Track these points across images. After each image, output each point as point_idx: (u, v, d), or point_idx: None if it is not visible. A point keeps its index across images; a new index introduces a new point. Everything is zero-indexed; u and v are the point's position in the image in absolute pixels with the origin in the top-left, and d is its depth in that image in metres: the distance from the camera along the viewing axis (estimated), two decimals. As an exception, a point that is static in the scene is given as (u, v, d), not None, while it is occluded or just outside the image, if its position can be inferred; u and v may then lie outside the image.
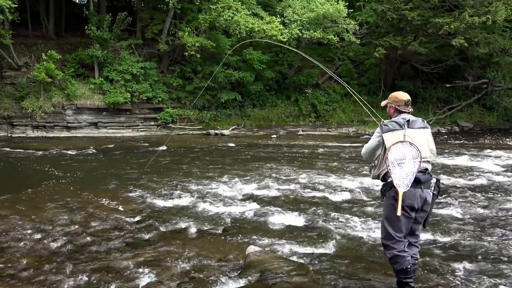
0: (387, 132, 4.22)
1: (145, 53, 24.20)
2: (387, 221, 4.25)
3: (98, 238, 6.29)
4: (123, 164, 12.95)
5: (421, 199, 4.13)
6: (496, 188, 9.79)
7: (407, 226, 4.21)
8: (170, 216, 7.45)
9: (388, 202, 4.24)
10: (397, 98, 4.46)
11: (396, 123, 4.24)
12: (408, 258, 4.17)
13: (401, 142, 4.10)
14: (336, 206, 8.25)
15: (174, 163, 13.15)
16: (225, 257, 5.59)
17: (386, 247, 4.26)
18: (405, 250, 4.18)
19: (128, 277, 5.00)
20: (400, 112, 4.41)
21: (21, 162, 13.22)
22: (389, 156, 4.08)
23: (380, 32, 26.30)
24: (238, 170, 11.93)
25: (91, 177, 10.97)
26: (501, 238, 6.39)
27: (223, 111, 24.54)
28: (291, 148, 17.11)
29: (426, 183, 4.16)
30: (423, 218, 4.25)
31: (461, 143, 19.46)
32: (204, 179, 10.56)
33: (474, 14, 22.30)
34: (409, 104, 4.41)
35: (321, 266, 5.24)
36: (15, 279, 4.96)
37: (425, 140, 4.24)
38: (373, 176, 4.44)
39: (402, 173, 4.02)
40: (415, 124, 4.26)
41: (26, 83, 20.85)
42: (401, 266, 4.18)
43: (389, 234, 4.21)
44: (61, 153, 15.00)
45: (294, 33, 22.47)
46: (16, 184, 10.01)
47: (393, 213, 4.13)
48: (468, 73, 29.30)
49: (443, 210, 7.91)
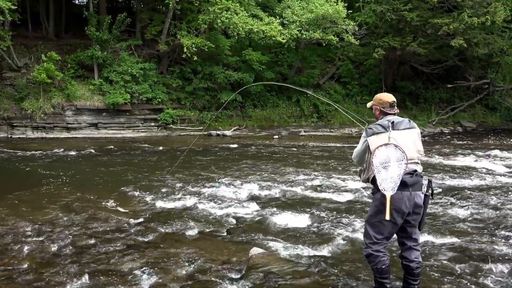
0: (371, 135, 4.17)
1: (145, 54, 24.18)
2: (369, 222, 4.24)
3: (99, 240, 6.25)
4: (123, 165, 12.90)
5: (410, 202, 4.06)
6: (502, 189, 9.74)
7: (391, 230, 4.16)
8: (172, 217, 7.41)
9: (374, 204, 4.22)
10: (381, 100, 4.40)
11: (381, 125, 4.19)
12: (383, 259, 4.14)
13: (385, 145, 4.04)
14: (339, 207, 8.21)
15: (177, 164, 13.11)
16: (228, 259, 5.55)
17: (364, 244, 4.26)
18: (381, 251, 4.15)
19: (130, 280, 4.96)
20: (385, 114, 4.36)
21: (21, 163, 13.17)
22: (374, 160, 4.03)
23: (379, 33, 26.30)
24: (240, 171, 11.90)
25: (91, 178, 10.92)
26: (506, 239, 6.36)
27: (223, 111, 24.53)
28: (294, 149, 17.08)
29: (415, 185, 4.08)
30: (416, 220, 4.19)
31: (465, 144, 19.42)
32: (207, 180, 10.52)
33: (473, 14, 22.31)
34: (394, 105, 4.37)
35: (324, 268, 5.20)
36: (15, 282, 4.93)
37: (411, 141, 4.18)
38: (363, 179, 4.41)
39: (387, 177, 3.97)
40: (400, 125, 4.20)
41: (26, 84, 20.82)
42: (375, 265, 4.18)
43: (368, 234, 4.21)
44: (61, 154, 14.95)
45: (293, 34, 22.44)
46: (16, 185, 9.96)
47: (376, 215, 4.14)
48: (468, 74, 29.32)
49: (448, 211, 7.88)
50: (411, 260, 4.21)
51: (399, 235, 4.28)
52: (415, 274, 4.24)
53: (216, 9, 20.92)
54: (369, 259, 4.21)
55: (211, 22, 21.59)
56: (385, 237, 4.17)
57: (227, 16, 21.01)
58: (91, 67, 22.39)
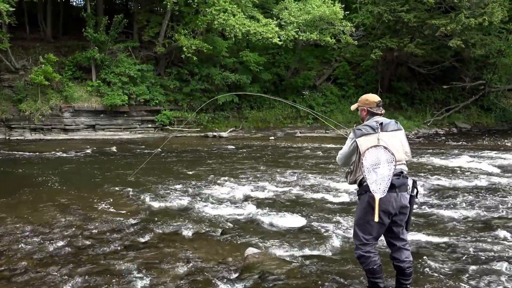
0: (360, 136, 4.16)
1: (142, 56, 24.18)
2: (357, 223, 4.25)
3: (96, 241, 6.28)
4: (121, 166, 12.93)
5: (397, 203, 4.09)
6: (495, 190, 9.79)
7: (379, 231, 4.19)
8: (169, 218, 7.44)
9: (361, 206, 4.21)
10: (368, 100, 4.40)
11: (369, 127, 4.18)
12: (374, 259, 4.17)
13: (375, 147, 4.05)
14: (334, 207, 8.27)
15: (173, 165, 13.16)
16: (223, 259, 5.59)
17: (355, 246, 4.29)
18: (371, 251, 4.18)
19: (126, 280, 5.00)
20: (372, 115, 4.36)
21: (19, 164, 13.19)
22: (364, 162, 4.03)
23: (377, 34, 26.33)
24: (236, 172, 11.93)
25: (89, 179, 10.95)
26: (500, 239, 6.41)
27: (220, 113, 24.55)
28: (289, 150, 17.13)
29: (402, 186, 4.12)
30: (403, 221, 4.22)
31: (459, 145, 19.47)
32: (202, 181, 10.56)
33: (470, 15, 22.35)
34: (380, 105, 4.37)
35: (320, 268, 5.24)
36: (13, 282, 4.97)
37: (399, 142, 4.21)
38: (350, 181, 4.39)
39: (378, 179, 3.98)
40: (389, 127, 4.21)
41: (23, 86, 20.82)
42: (367, 266, 4.21)
43: (357, 235, 4.22)
44: (59, 156, 14.97)
45: (291, 35, 22.50)
46: (14, 187, 9.96)
47: (364, 217, 4.15)
48: (464, 75, 29.34)
49: (442, 212, 7.92)
50: (402, 260, 4.24)
51: (387, 235, 4.30)
52: (407, 274, 4.27)
53: (213, 10, 20.97)
54: (361, 260, 4.24)
55: (209, 23, 21.64)
56: (374, 237, 4.21)
57: (225, 18, 21.07)
58: (89, 68, 22.40)
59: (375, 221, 4.03)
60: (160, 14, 24.44)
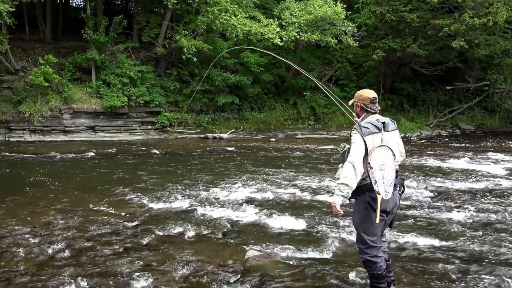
0: (368, 135, 4.00)
1: (142, 57, 24.10)
2: (360, 226, 4.15)
3: (96, 243, 6.25)
4: (121, 168, 12.87)
5: (393, 202, 4.09)
6: (499, 192, 9.68)
7: (382, 228, 4.18)
8: (169, 220, 7.40)
9: (361, 207, 4.11)
10: (362, 96, 4.26)
11: (374, 125, 4.05)
12: (380, 264, 4.09)
13: (380, 147, 3.97)
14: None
15: (173, 167, 13.07)
16: (224, 262, 5.55)
17: (360, 250, 4.20)
18: (378, 256, 4.09)
19: (126, 282, 4.97)
20: (366, 111, 4.22)
21: (18, 166, 13.15)
22: (372, 163, 3.92)
23: (379, 34, 26.22)
24: (237, 173, 11.86)
25: (88, 181, 10.91)
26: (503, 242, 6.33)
27: (221, 114, 24.44)
28: (290, 152, 17.01)
29: (398, 186, 4.15)
30: (390, 219, 4.23)
31: (463, 146, 19.34)
32: (203, 183, 10.51)
33: (475, 15, 22.14)
34: (375, 102, 4.21)
35: (320, 270, 5.18)
36: (13, 284, 4.94)
37: (396, 142, 4.18)
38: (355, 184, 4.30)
39: (385, 180, 3.92)
40: (389, 126, 4.14)
41: (23, 87, 20.75)
42: (372, 271, 4.13)
43: (362, 238, 4.12)
44: (58, 157, 14.88)
45: (292, 35, 22.39)
46: (13, 188, 9.93)
47: (367, 218, 4.06)
48: (468, 75, 29.19)
49: (445, 214, 7.85)
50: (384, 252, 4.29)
51: None
52: (389, 265, 4.29)
53: (214, 10, 20.88)
54: (366, 264, 4.16)
55: (209, 23, 21.55)
56: (378, 236, 4.17)
57: (226, 18, 20.98)
58: (89, 69, 22.32)
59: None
60: (160, 15, 24.39)
